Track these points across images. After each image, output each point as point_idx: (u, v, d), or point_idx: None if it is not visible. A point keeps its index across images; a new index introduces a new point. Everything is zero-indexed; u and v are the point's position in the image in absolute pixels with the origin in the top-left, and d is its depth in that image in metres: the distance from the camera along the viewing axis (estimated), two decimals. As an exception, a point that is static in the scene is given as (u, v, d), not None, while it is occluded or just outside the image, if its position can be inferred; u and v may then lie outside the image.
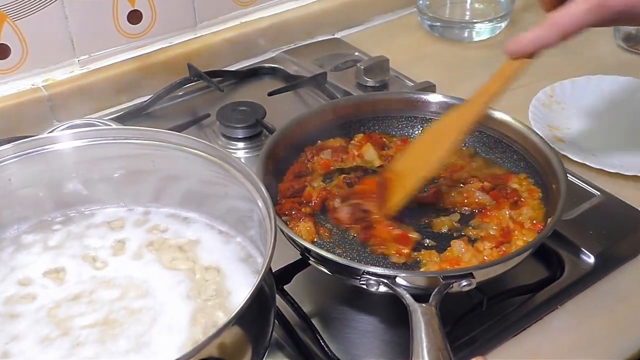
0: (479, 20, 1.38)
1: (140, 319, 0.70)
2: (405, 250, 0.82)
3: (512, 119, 0.94)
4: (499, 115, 0.95)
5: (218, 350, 0.58)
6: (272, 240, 0.65)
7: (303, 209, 0.86)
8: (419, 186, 0.84)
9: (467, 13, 1.42)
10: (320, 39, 1.38)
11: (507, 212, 0.85)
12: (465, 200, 0.88)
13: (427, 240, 0.84)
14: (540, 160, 0.90)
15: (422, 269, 0.80)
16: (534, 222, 0.84)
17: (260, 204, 0.70)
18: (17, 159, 0.78)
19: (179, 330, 0.69)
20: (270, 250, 0.64)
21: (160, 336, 0.69)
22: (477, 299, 0.78)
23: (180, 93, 1.22)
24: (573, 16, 0.74)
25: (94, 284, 0.75)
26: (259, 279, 0.61)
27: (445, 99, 0.98)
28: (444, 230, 0.85)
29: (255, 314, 0.64)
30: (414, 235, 0.84)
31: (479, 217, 0.86)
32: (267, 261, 0.63)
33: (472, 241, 0.83)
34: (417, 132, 0.99)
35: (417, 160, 0.85)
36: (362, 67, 1.19)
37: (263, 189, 0.71)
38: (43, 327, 0.70)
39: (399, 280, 0.73)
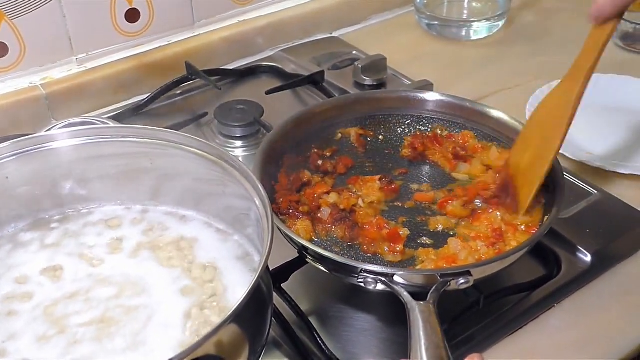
0: (476, 19, 1.38)
1: (137, 317, 0.70)
2: (399, 248, 0.82)
3: (509, 117, 0.95)
4: (496, 113, 0.95)
5: (215, 348, 0.58)
6: (270, 239, 0.65)
7: (301, 208, 0.86)
8: (544, 177, 0.83)
9: (465, 12, 1.42)
10: (318, 37, 1.38)
11: (499, 215, 0.85)
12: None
13: (424, 238, 0.84)
14: (537, 158, 0.90)
15: (418, 267, 0.80)
16: (529, 225, 0.84)
17: (258, 202, 0.70)
18: (14, 157, 0.78)
19: (175, 328, 0.69)
20: (267, 249, 0.64)
21: (157, 334, 0.69)
22: (474, 297, 0.79)
23: (178, 91, 1.22)
24: None
25: (90, 282, 0.75)
26: (256, 277, 0.61)
27: (442, 98, 0.99)
28: (440, 228, 0.86)
29: (253, 312, 0.64)
30: (404, 231, 0.84)
31: (473, 218, 0.86)
32: (264, 260, 0.63)
33: (467, 240, 0.83)
34: (413, 131, 1.00)
35: (537, 150, 0.84)
36: (360, 66, 1.19)
37: (260, 188, 0.71)
38: (40, 326, 0.70)
39: (396, 278, 0.73)
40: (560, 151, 1.01)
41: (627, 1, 0.77)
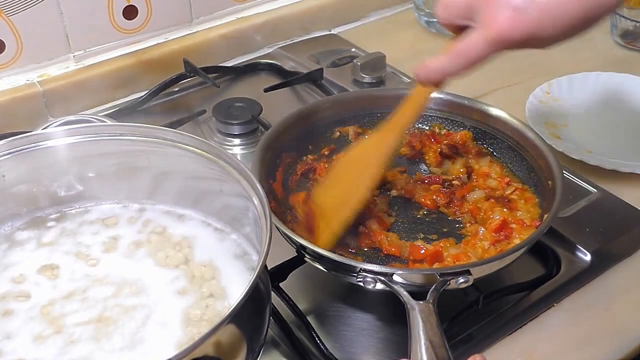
0: (476, 17, 1.37)
1: (134, 316, 0.70)
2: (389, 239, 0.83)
3: (508, 115, 0.94)
4: (495, 111, 0.95)
5: (213, 349, 0.58)
6: (268, 238, 0.64)
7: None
8: (345, 224, 0.81)
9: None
10: (316, 34, 1.37)
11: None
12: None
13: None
14: (536, 157, 0.89)
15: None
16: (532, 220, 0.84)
17: (256, 201, 0.70)
18: (11, 155, 0.77)
19: (173, 328, 0.69)
20: (265, 248, 0.64)
21: (154, 333, 0.68)
22: (474, 296, 0.78)
23: (176, 89, 1.21)
24: (475, 48, 0.72)
25: (87, 281, 0.74)
26: (254, 276, 0.61)
27: (441, 96, 0.98)
28: (445, 230, 0.86)
29: (251, 312, 0.63)
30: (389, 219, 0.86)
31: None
32: (262, 259, 0.63)
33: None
34: (411, 129, 0.99)
35: (340, 196, 0.83)
36: (359, 64, 1.19)
37: (259, 187, 0.70)
38: (36, 325, 0.70)
39: (395, 277, 0.72)
40: (560, 149, 1.02)
41: (452, 74, 0.76)
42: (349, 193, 0.83)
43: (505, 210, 0.86)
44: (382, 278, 0.73)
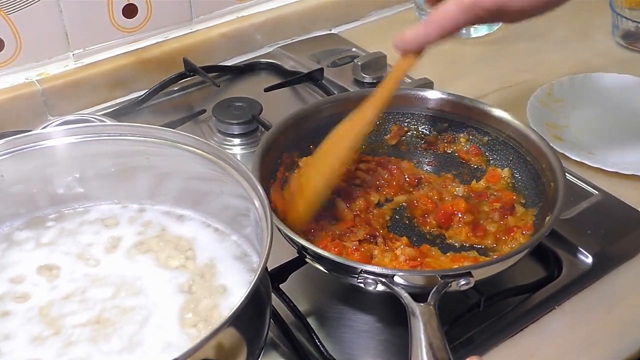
0: (477, 17, 1.37)
1: (133, 317, 0.70)
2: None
3: (510, 116, 0.94)
4: (497, 112, 0.95)
5: (213, 351, 0.58)
6: (269, 240, 0.64)
7: None
8: (318, 198, 0.82)
9: (465, 9, 1.41)
10: (317, 34, 1.37)
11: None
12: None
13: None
14: (538, 158, 0.89)
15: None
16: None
17: (257, 203, 0.69)
18: (9, 155, 0.77)
19: (172, 330, 0.68)
20: (266, 250, 0.63)
21: (153, 335, 0.68)
22: (475, 299, 0.78)
23: (176, 88, 1.21)
24: (449, 15, 0.77)
25: (86, 281, 0.74)
26: (255, 278, 0.61)
27: (442, 96, 0.98)
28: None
29: (251, 315, 0.63)
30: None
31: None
32: (263, 261, 0.62)
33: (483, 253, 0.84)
34: (412, 128, 0.99)
35: (316, 171, 0.84)
36: (360, 63, 1.18)
37: (259, 188, 0.70)
38: (35, 326, 0.69)
39: (397, 279, 0.72)
40: (561, 151, 1.01)
41: (428, 42, 0.79)
42: (325, 167, 0.83)
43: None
44: (383, 279, 0.72)
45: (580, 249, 0.88)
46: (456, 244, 0.86)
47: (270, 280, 0.73)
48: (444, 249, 0.85)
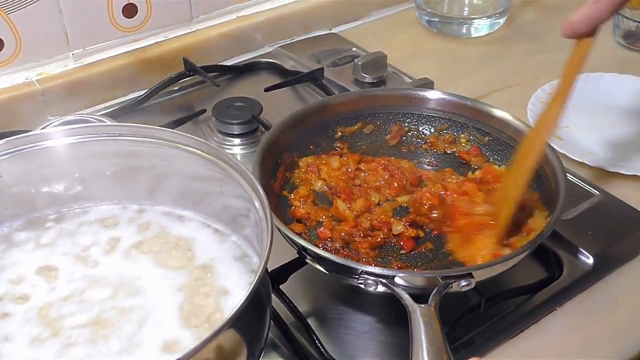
0: (477, 16, 1.37)
1: (133, 318, 0.69)
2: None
3: (510, 116, 0.94)
4: (497, 113, 0.95)
5: (213, 353, 0.57)
6: (269, 241, 0.64)
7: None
8: (512, 213, 0.81)
9: (466, 9, 1.41)
10: (317, 34, 1.36)
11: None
12: None
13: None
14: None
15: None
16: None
17: (257, 204, 0.69)
18: (9, 155, 0.77)
19: (172, 331, 0.68)
20: (266, 252, 0.63)
21: (152, 337, 0.68)
22: (475, 300, 0.78)
23: (176, 88, 1.21)
24: None
25: (85, 282, 0.74)
26: (255, 280, 0.60)
27: (443, 96, 0.98)
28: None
29: (251, 316, 0.63)
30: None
31: None
32: (263, 262, 0.62)
33: None
34: (413, 128, 0.99)
35: (507, 190, 0.84)
36: (360, 63, 1.18)
37: (259, 188, 0.70)
38: (34, 327, 0.69)
39: (397, 280, 0.72)
40: (562, 151, 1.01)
41: (600, 19, 0.76)
42: (512, 188, 0.82)
43: None
44: (384, 280, 0.72)
45: (581, 250, 0.88)
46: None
47: (271, 281, 0.72)
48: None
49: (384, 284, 0.72)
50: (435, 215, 0.87)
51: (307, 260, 0.79)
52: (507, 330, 0.80)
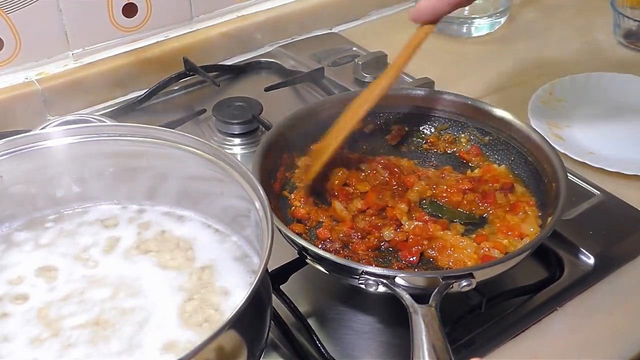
0: (477, 16, 1.37)
1: (133, 319, 0.69)
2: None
3: (511, 116, 0.93)
4: (498, 112, 0.94)
5: (214, 354, 0.57)
6: (269, 242, 0.63)
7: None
8: (330, 157, 0.88)
9: (466, 8, 1.41)
10: (317, 33, 1.36)
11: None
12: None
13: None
14: (539, 158, 0.89)
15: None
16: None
17: (257, 204, 0.69)
18: (8, 155, 0.76)
19: (172, 332, 0.68)
20: (267, 252, 0.63)
21: (152, 337, 0.67)
22: (476, 300, 0.77)
23: (176, 88, 1.20)
24: None
25: (85, 283, 0.74)
26: (256, 281, 0.60)
27: (444, 96, 0.98)
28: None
29: (252, 316, 0.63)
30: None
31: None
32: (264, 262, 0.62)
33: None
34: (413, 128, 0.99)
35: (332, 135, 0.90)
36: (360, 63, 1.18)
37: (260, 189, 0.69)
38: (33, 328, 0.69)
39: (398, 280, 0.72)
40: (563, 151, 1.01)
41: (442, 13, 0.87)
42: (337, 133, 0.89)
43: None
44: (384, 281, 0.72)
45: (582, 250, 0.88)
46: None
47: (271, 281, 0.72)
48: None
49: (384, 284, 0.72)
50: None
51: (308, 261, 0.79)
52: (507, 330, 0.80)
